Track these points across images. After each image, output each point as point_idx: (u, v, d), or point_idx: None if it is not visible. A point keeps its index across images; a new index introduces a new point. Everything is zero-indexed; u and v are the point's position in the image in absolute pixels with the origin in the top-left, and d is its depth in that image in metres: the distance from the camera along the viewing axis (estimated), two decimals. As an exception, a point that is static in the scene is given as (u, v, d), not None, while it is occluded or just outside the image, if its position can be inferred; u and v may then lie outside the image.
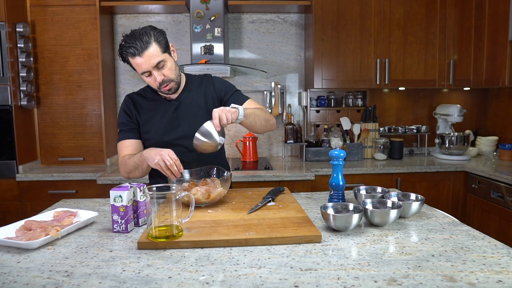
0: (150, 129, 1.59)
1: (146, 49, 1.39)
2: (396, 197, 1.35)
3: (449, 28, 2.88)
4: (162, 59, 1.43)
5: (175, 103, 1.60)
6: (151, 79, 1.46)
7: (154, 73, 1.43)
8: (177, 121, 1.58)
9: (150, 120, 1.59)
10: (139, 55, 1.39)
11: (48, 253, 1.02)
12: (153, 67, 1.42)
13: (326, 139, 2.97)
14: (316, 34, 2.81)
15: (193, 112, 1.59)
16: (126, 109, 1.62)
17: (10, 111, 2.51)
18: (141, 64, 1.40)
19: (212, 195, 1.33)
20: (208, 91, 1.63)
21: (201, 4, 2.71)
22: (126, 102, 1.63)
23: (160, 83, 1.46)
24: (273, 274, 0.88)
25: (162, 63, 1.44)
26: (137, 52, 1.38)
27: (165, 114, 1.59)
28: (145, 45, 1.38)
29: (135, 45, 1.37)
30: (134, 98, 1.64)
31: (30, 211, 2.48)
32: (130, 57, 1.41)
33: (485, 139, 3.08)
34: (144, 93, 1.65)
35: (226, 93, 1.63)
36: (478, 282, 0.83)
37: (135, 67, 1.44)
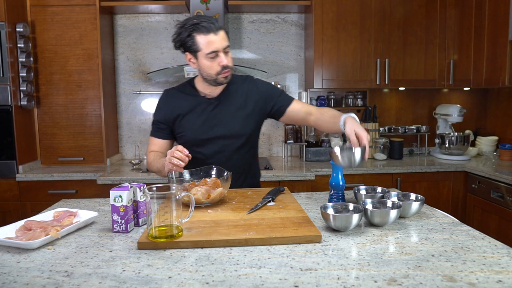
0: (186, 126, 1.59)
1: (220, 29, 1.45)
2: (396, 197, 1.35)
3: (449, 28, 2.88)
4: (229, 45, 1.49)
5: (215, 102, 1.59)
6: (216, 61, 1.47)
7: (221, 55, 1.46)
8: (214, 120, 1.57)
9: (187, 116, 1.59)
10: (214, 33, 1.43)
11: (48, 253, 1.02)
12: (223, 48, 1.45)
13: (326, 139, 2.97)
14: (316, 34, 2.81)
15: (231, 113, 1.58)
16: (161, 105, 1.64)
17: (10, 111, 2.51)
18: (214, 42, 1.43)
19: (212, 195, 1.33)
20: (250, 93, 1.61)
21: (201, 4, 2.71)
22: (163, 97, 1.65)
23: (224, 66, 1.47)
24: (273, 274, 0.88)
25: (228, 49, 1.49)
26: (212, 29, 1.42)
27: (204, 112, 1.58)
28: (220, 26, 1.45)
29: (211, 23, 1.42)
30: (172, 93, 1.65)
31: (30, 211, 2.48)
32: (203, 34, 1.42)
33: (485, 139, 3.08)
34: (183, 89, 1.65)
35: (272, 95, 1.62)
36: (478, 282, 0.83)
37: (204, 45, 1.44)
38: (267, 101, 1.61)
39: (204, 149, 1.59)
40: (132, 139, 3.15)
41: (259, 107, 1.61)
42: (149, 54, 3.09)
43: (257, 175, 1.78)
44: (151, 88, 3.13)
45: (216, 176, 1.50)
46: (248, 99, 1.60)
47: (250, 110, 1.59)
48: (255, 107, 1.60)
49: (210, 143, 1.58)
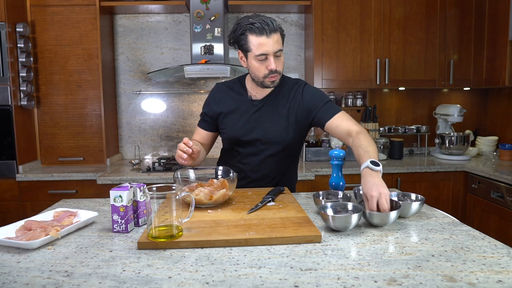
0: (228, 123, 1.60)
1: (275, 32, 1.40)
2: (396, 197, 1.35)
3: (449, 28, 2.88)
4: (281, 49, 1.44)
5: (258, 105, 1.58)
6: (264, 64, 1.44)
7: (271, 58, 1.42)
8: (254, 123, 1.57)
9: (230, 114, 1.60)
10: (267, 35, 1.39)
11: (48, 253, 1.02)
12: (274, 52, 1.41)
13: (326, 139, 2.97)
14: (316, 34, 2.81)
15: (272, 118, 1.56)
16: (210, 99, 1.65)
17: (10, 111, 2.51)
18: (265, 44, 1.39)
19: (215, 197, 1.32)
20: (294, 101, 1.57)
21: (201, 4, 2.71)
22: (213, 91, 1.66)
23: (272, 70, 1.44)
24: (273, 274, 0.88)
25: (280, 53, 1.45)
26: (265, 31, 1.38)
27: (246, 113, 1.58)
28: (275, 29, 1.40)
29: (267, 23, 1.38)
30: (222, 89, 1.65)
31: (30, 211, 2.48)
32: (255, 35, 1.39)
33: (485, 139, 3.08)
34: (233, 86, 1.64)
35: (316, 105, 1.54)
36: (478, 282, 0.83)
37: (254, 47, 1.41)
38: (309, 111, 1.56)
39: (241, 149, 1.61)
40: (132, 139, 3.15)
41: (300, 116, 1.57)
42: (149, 54, 3.09)
43: (291, 183, 1.74)
44: (151, 88, 3.12)
45: (223, 176, 1.50)
46: (291, 107, 1.56)
47: (292, 118, 1.56)
48: (297, 116, 1.56)
49: (248, 144, 1.59)
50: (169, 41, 3.09)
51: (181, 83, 3.13)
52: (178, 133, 3.17)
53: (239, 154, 1.63)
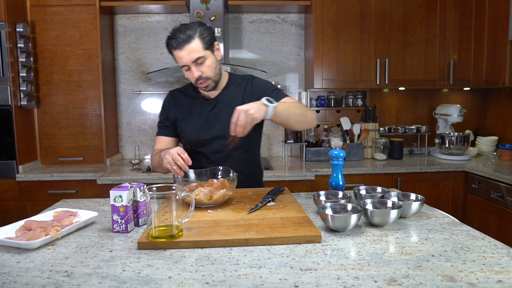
0: (186, 127, 1.63)
1: (188, 44, 1.42)
2: (396, 197, 1.35)
3: (449, 28, 2.88)
4: (202, 56, 1.45)
5: (213, 102, 1.61)
6: (190, 73, 1.49)
7: (192, 68, 1.46)
8: (212, 120, 1.59)
9: (186, 118, 1.63)
10: (180, 49, 1.42)
11: (48, 253, 1.02)
12: (191, 62, 1.45)
13: (326, 139, 2.97)
14: (316, 34, 2.81)
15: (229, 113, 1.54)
16: (165, 106, 1.69)
17: (10, 111, 2.51)
18: (181, 58, 1.44)
19: (215, 197, 1.32)
20: (247, 93, 1.62)
21: (201, 4, 2.71)
22: (167, 98, 1.70)
23: (197, 78, 1.48)
24: (273, 274, 0.88)
25: (202, 59, 1.46)
26: (178, 45, 1.42)
27: (202, 113, 1.61)
28: (188, 39, 1.42)
29: (178, 38, 1.41)
30: (175, 94, 1.69)
31: (30, 211, 2.48)
32: (173, 49, 1.45)
33: (485, 139, 3.08)
34: (186, 90, 1.69)
35: (264, 92, 1.58)
36: (478, 282, 0.83)
37: (176, 60, 1.48)
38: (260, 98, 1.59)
39: (204, 149, 1.62)
40: (132, 139, 3.15)
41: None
42: (149, 54, 3.09)
43: (258, 174, 1.78)
44: (151, 88, 3.13)
45: (222, 176, 1.50)
46: (245, 99, 1.60)
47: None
48: None
49: (209, 143, 1.60)
50: (169, 41, 3.09)
51: (181, 83, 3.12)
52: (178, 133, 3.17)
53: (203, 155, 1.63)
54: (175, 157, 1.35)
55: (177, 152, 1.36)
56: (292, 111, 1.45)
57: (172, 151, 1.37)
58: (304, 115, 1.50)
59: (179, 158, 1.35)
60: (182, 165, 1.35)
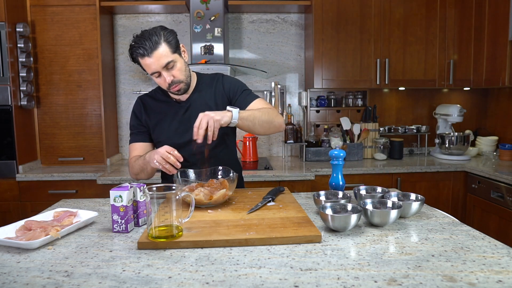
0: (161, 132, 1.59)
1: (155, 49, 1.38)
2: (396, 197, 1.35)
3: (449, 28, 2.88)
4: (172, 60, 1.41)
5: (185, 105, 1.58)
6: (161, 79, 1.45)
7: (163, 73, 1.43)
8: (187, 123, 1.56)
9: (160, 123, 1.59)
10: (148, 56, 1.38)
11: (48, 253, 1.02)
12: (162, 67, 1.41)
13: (326, 139, 2.97)
14: (316, 34, 2.81)
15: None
16: (136, 112, 1.63)
17: (10, 111, 2.51)
18: (150, 65, 1.40)
19: (215, 197, 1.32)
20: (218, 91, 1.60)
21: (201, 4, 2.71)
22: (137, 104, 1.64)
23: (170, 83, 1.45)
24: (273, 274, 0.88)
25: (172, 63, 1.42)
26: (146, 52, 1.37)
27: (175, 116, 1.58)
28: (154, 45, 1.37)
29: (144, 45, 1.37)
30: (145, 100, 1.64)
31: (30, 211, 2.48)
32: (140, 58, 1.40)
33: (485, 139, 3.08)
34: (155, 95, 1.64)
35: (235, 93, 1.60)
36: (478, 282, 0.83)
37: (144, 68, 1.44)
38: (230, 98, 1.60)
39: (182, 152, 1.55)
40: (132, 139, 3.15)
41: (226, 104, 1.58)
42: (149, 54, 3.09)
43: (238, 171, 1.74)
44: (151, 88, 3.11)
45: (222, 176, 1.50)
46: (216, 97, 1.59)
47: (219, 108, 1.56)
48: (223, 104, 1.58)
49: (186, 146, 1.55)
50: (169, 41, 3.09)
51: (181, 83, 3.12)
52: (178, 133, 3.17)
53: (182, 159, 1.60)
54: (166, 155, 1.33)
55: (166, 150, 1.34)
56: (258, 117, 1.45)
57: (160, 150, 1.35)
58: (270, 121, 1.49)
59: (170, 156, 1.33)
60: (173, 162, 1.33)
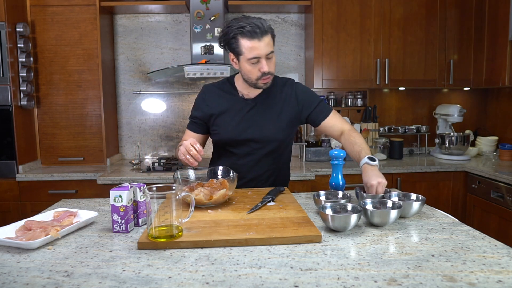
0: (221, 124, 1.59)
1: (266, 35, 1.40)
2: (396, 197, 1.35)
3: (449, 28, 2.88)
4: (273, 51, 1.45)
5: (251, 103, 1.58)
6: (256, 66, 1.44)
7: (263, 61, 1.43)
8: (248, 122, 1.56)
9: (222, 115, 1.58)
10: (259, 38, 1.38)
11: (48, 253, 1.02)
12: (266, 54, 1.42)
13: (326, 139, 2.97)
14: (316, 34, 2.81)
15: (266, 117, 1.57)
16: (199, 102, 1.63)
17: (10, 111, 2.51)
18: (257, 48, 1.39)
19: (215, 197, 1.32)
20: (289, 98, 1.59)
21: (201, 4, 2.71)
22: (203, 93, 1.64)
23: (265, 72, 1.44)
24: (273, 274, 0.88)
25: (272, 54, 1.45)
26: (257, 34, 1.37)
27: (239, 112, 1.57)
28: (266, 32, 1.39)
29: (258, 27, 1.37)
30: (211, 90, 1.64)
31: (30, 211, 2.48)
32: (246, 38, 1.39)
33: (485, 139, 3.08)
34: (223, 86, 1.63)
35: (310, 104, 1.59)
36: (478, 282, 0.83)
37: (244, 50, 1.41)
38: (304, 109, 1.60)
39: (236, 149, 1.60)
40: (132, 139, 3.15)
41: (295, 114, 1.59)
42: (149, 54, 3.09)
43: (286, 180, 1.76)
44: (151, 88, 3.12)
45: (223, 176, 1.50)
46: (285, 105, 1.58)
47: (286, 116, 1.58)
48: (291, 114, 1.58)
49: (242, 144, 1.58)
50: (169, 41, 3.09)
51: (181, 83, 3.13)
52: (178, 133, 3.17)
53: (234, 155, 1.61)
54: (188, 147, 1.35)
55: (190, 143, 1.36)
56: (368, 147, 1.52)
57: (185, 142, 1.37)
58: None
59: (192, 148, 1.35)
60: (194, 155, 1.35)
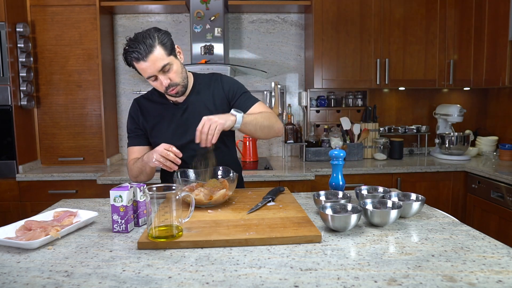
0: (158, 135, 1.57)
1: (151, 53, 1.34)
2: (396, 197, 1.35)
3: (449, 28, 2.88)
4: (168, 62, 1.39)
5: (183, 107, 1.56)
6: (157, 83, 1.43)
7: (160, 77, 1.40)
8: (185, 125, 1.55)
9: (158, 125, 1.57)
10: (144, 60, 1.35)
11: (48, 253, 1.02)
12: (158, 71, 1.38)
13: (326, 139, 2.97)
14: (316, 34, 2.81)
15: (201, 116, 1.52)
16: (133, 115, 1.61)
17: (10, 111, 2.51)
18: (146, 69, 1.37)
19: (215, 197, 1.32)
20: (216, 92, 1.58)
21: (201, 4, 2.71)
22: (133, 107, 1.62)
23: (167, 87, 1.43)
24: (273, 274, 0.88)
25: (168, 66, 1.40)
26: (141, 56, 1.34)
27: (173, 118, 1.56)
28: (149, 49, 1.34)
29: (139, 49, 1.33)
30: (141, 103, 1.62)
31: (30, 211, 2.48)
32: (135, 62, 1.37)
33: (485, 139, 3.08)
34: (152, 97, 1.62)
35: (234, 94, 1.58)
36: (478, 282, 0.83)
37: (140, 72, 1.41)
38: (230, 99, 1.58)
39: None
40: (132, 139, 3.15)
41: (225, 105, 1.57)
42: (149, 54, 3.09)
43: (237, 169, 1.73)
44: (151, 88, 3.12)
45: (223, 176, 1.50)
46: (215, 99, 1.57)
47: (219, 109, 1.55)
48: (223, 106, 1.57)
49: (185, 148, 1.53)
50: (169, 41, 3.09)
51: (181, 83, 3.12)
52: (178, 133, 3.17)
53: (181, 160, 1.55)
54: (164, 153, 1.33)
55: (164, 148, 1.34)
56: (260, 122, 1.45)
57: (158, 148, 1.35)
58: (270, 127, 1.50)
59: (169, 153, 1.33)
60: (173, 158, 1.33)
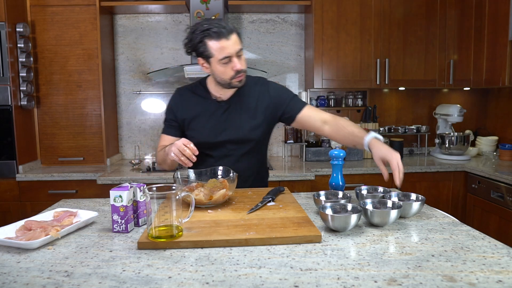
0: (196, 128, 1.58)
1: (232, 33, 1.41)
2: (396, 197, 1.35)
3: (449, 28, 2.88)
4: (242, 48, 1.46)
5: (225, 105, 1.57)
6: (229, 66, 1.44)
7: (235, 59, 1.43)
8: (224, 124, 1.56)
9: (197, 119, 1.58)
10: (226, 38, 1.39)
11: (48, 253, 1.02)
12: (236, 52, 1.42)
13: (326, 139, 2.97)
14: (316, 34, 2.81)
15: (240, 118, 1.56)
16: (173, 105, 1.62)
17: (10, 111, 2.51)
18: (226, 47, 1.40)
19: (215, 197, 1.32)
20: (262, 97, 1.58)
21: (201, 4, 2.71)
22: (175, 97, 1.63)
23: (238, 71, 1.44)
24: (273, 274, 0.88)
25: (241, 52, 1.45)
26: (223, 34, 1.39)
27: (213, 115, 1.57)
28: (231, 30, 1.41)
29: (223, 28, 1.39)
30: (183, 93, 1.63)
31: (30, 211, 2.48)
32: (214, 39, 1.39)
33: (485, 139, 3.08)
34: (196, 89, 1.62)
35: (284, 100, 1.58)
36: (478, 282, 0.83)
37: (214, 52, 1.41)
38: (278, 106, 1.58)
39: (213, 152, 1.59)
40: (132, 139, 3.15)
41: (269, 112, 1.58)
42: (149, 54, 3.09)
43: (264, 179, 1.77)
44: (151, 88, 3.12)
45: (223, 176, 1.50)
46: (259, 104, 1.57)
47: (261, 115, 1.57)
48: (266, 113, 1.58)
49: (219, 146, 1.57)
50: (169, 41, 3.09)
51: (181, 83, 3.12)
52: (178, 133, 3.17)
53: (211, 158, 1.60)
54: (182, 148, 1.34)
55: (183, 143, 1.35)
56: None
57: (177, 142, 1.36)
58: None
59: (186, 149, 1.34)
60: (189, 155, 1.34)
